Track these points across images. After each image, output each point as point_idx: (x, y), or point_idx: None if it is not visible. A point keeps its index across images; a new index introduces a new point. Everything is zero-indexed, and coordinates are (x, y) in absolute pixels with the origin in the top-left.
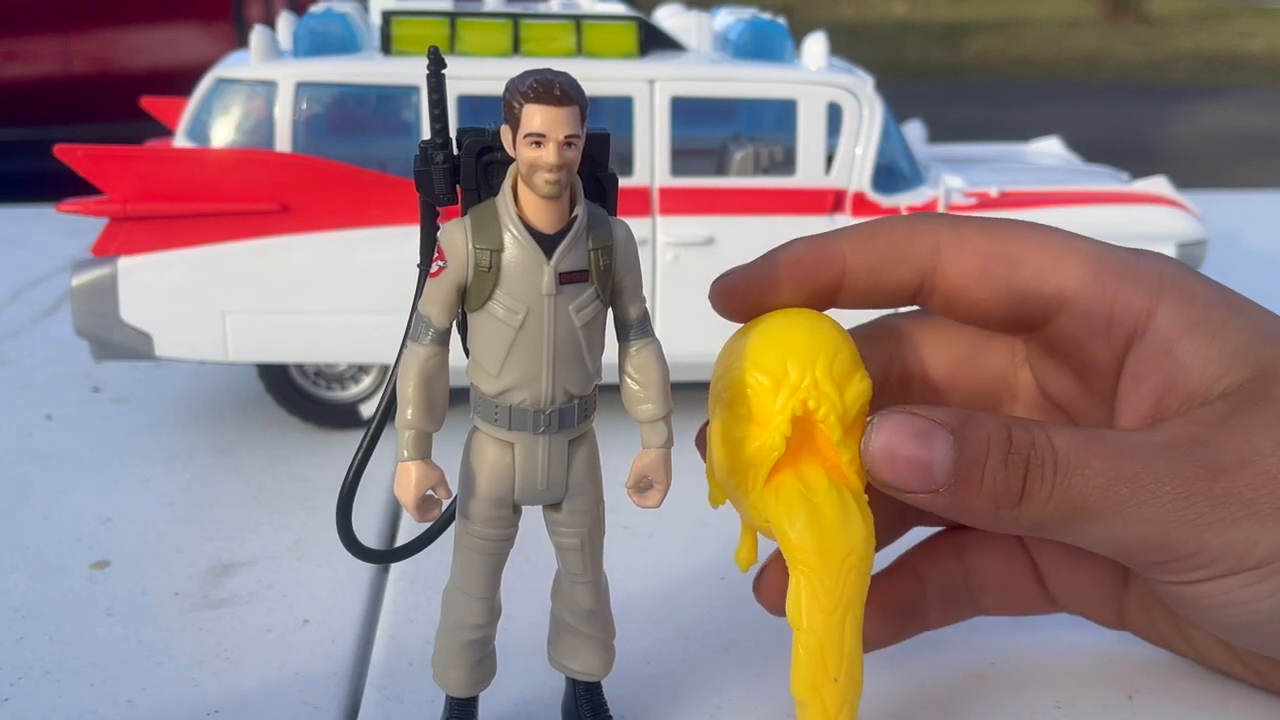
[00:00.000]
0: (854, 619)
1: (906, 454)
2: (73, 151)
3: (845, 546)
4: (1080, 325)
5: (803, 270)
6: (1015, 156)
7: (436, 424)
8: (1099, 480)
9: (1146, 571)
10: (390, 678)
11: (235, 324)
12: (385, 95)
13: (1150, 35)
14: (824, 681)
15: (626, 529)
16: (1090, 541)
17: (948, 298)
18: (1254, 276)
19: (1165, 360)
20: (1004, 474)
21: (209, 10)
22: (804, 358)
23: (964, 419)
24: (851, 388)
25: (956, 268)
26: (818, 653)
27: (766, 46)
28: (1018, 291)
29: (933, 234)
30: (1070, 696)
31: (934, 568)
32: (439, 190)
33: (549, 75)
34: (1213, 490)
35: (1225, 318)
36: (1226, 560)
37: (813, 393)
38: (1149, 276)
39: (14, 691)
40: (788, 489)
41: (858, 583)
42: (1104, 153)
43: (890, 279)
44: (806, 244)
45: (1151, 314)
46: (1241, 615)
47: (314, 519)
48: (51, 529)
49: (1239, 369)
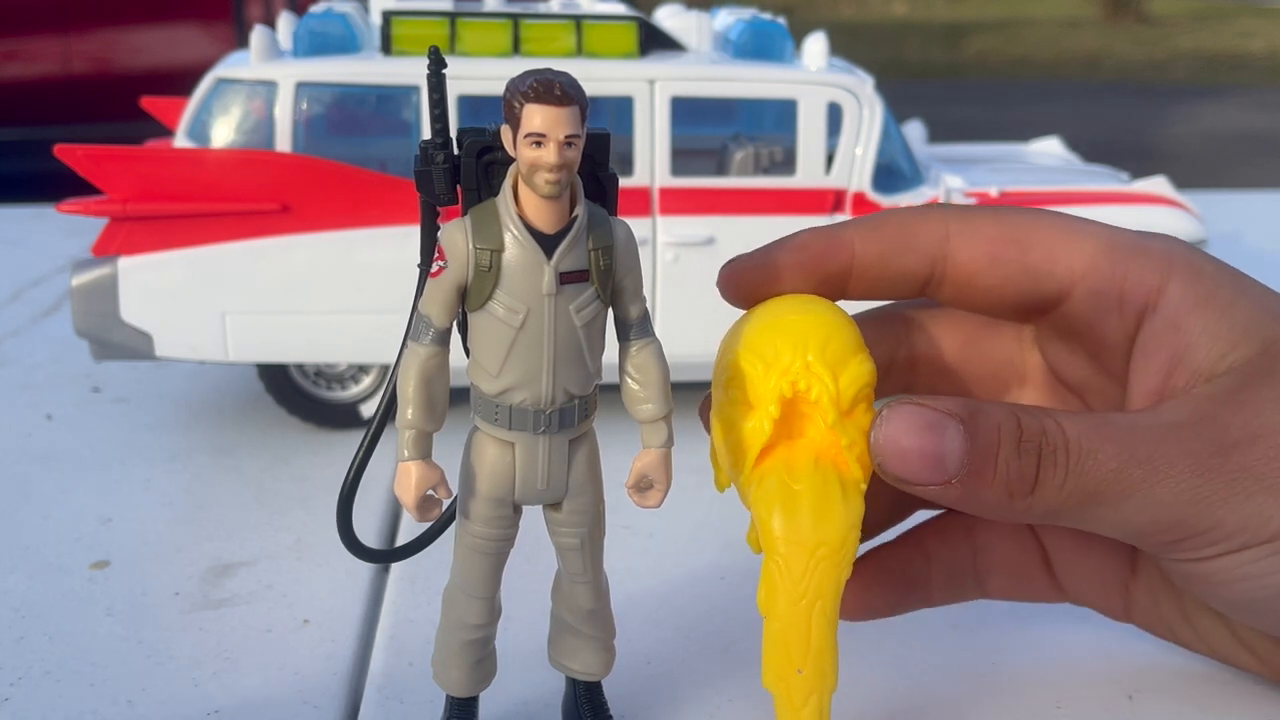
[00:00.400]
0: (823, 610)
1: (917, 446)
2: (73, 151)
3: (816, 537)
4: (1093, 304)
5: (810, 257)
6: (1015, 156)
7: (437, 424)
8: (1112, 464)
9: (1160, 552)
10: (390, 678)
11: (235, 324)
12: (385, 95)
13: (1150, 35)
14: (788, 672)
15: (627, 529)
16: (1104, 526)
17: (959, 285)
18: (1254, 276)
19: (1174, 336)
20: (1017, 462)
21: (209, 10)
22: (797, 340)
23: (973, 409)
24: (848, 370)
25: (967, 254)
26: (782, 643)
27: (767, 46)
28: (1030, 274)
29: (941, 222)
30: (1070, 696)
31: (942, 544)
32: (439, 190)
33: (549, 75)
34: (1225, 466)
35: (1233, 295)
36: (1241, 535)
37: (803, 374)
38: (1158, 255)
39: (14, 691)
40: (770, 475)
41: (829, 573)
42: (1104, 153)
43: (899, 267)
44: (814, 232)
45: (1162, 290)
46: (1254, 590)
47: (314, 519)
48: (51, 529)
49: (1246, 345)
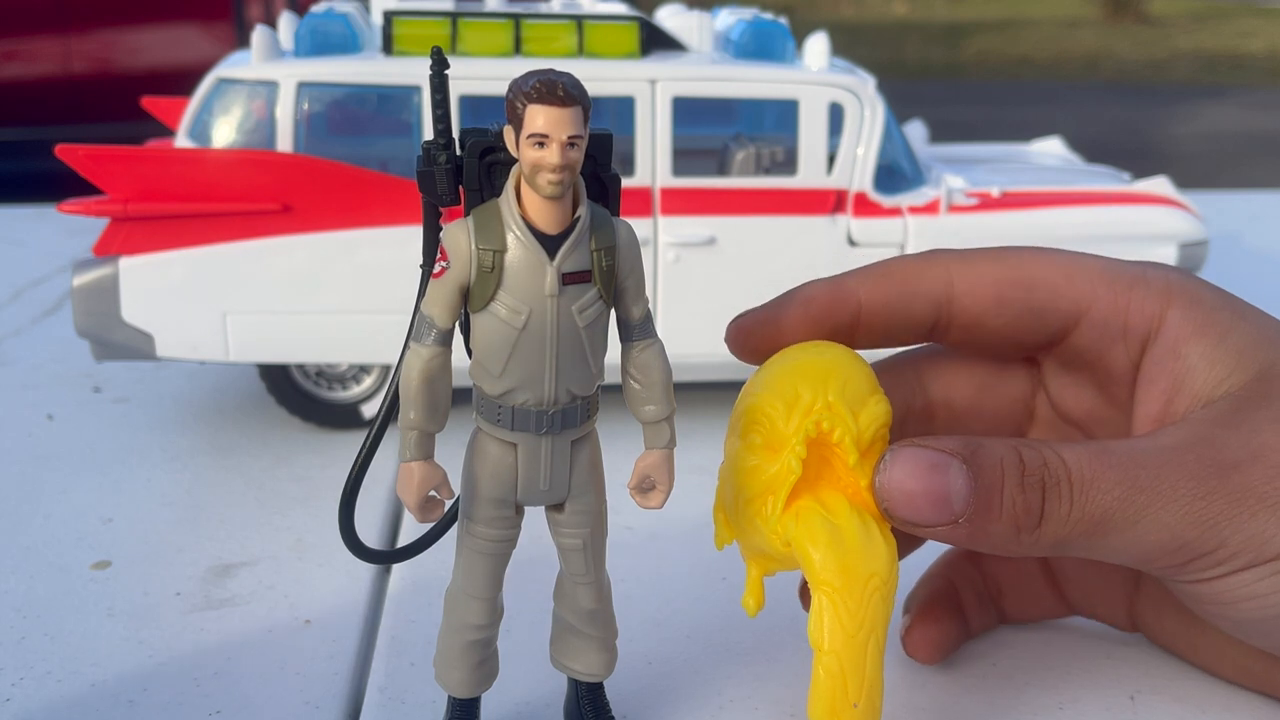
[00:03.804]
0: (876, 642)
1: (922, 488)
2: (74, 151)
3: (868, 569)
4: (1098, 335)
5: (818, 310)
6: (1016, 157)
7: (439, 424)
8: (1116, 491)
9: (1168, 575)
10: (392, 678)
11: (236, 324)
12: (387, 95)
13: (1150, 35)
14: (843, 706)
15: (629, 529)
16: (1112, 553)
17: (967, 327)
18: (1255, 277)
19: (1174, 362)
20: (1022, 497)
21: (209, 10)
22: (816, 381)
23: (974, 446)
24: (867, 410)
25: (972, 296)
26: (839, 676)
27: (768, 46)
28: (1035, 312)
29: (943, 266)
30: (1072, 697)
31: (959, 575)
32: (442, 191)
33: (552, 76)
34: (1226, 486)
35: (1230, 321)
36: (1246, 554)
37: (826, 414)
38: (1158, 284)
39: (15, 692)
40: (809, 512)
41: (880, 606)
42: (1105, 153)
43: (905, 314)
44: (819, 285)
45: (1162, 318)
46: (1260, 610)
47: (315, 519)
48: (53, 529)
49: (1243, 370)
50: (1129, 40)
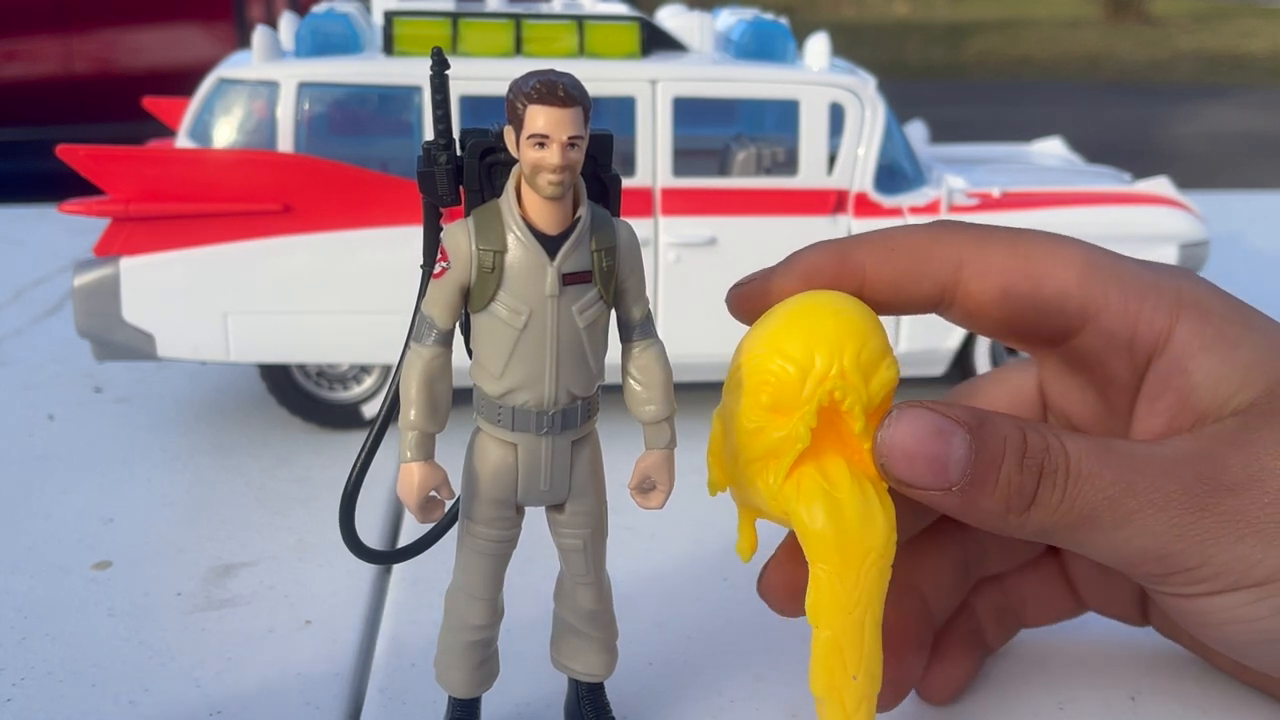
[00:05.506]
0: (873, 616)
1: (923, 450)
2: (75, 152)
3: (865, 544)
4: (1104, 343)
5: (822, 281)
6: (1017, 157)
7: (440, 425)
8: (1109, 490)
9: (1149, 583)
10: (392, 678)
11: (237, 324)
12: (387, 95)
13: (1152, 35)
14: (843, 679)
15: (629, 530)
16: (1094, 550)
17: (969, 312)
18: (1256, 277)
19: (1179, 378)
20: (1019, 477)
21: (210, 10)
22: (832, 346)
23: (981, 419)
24: (878, 375)
25: (980, 285)
26: (836, 650)
27: (768, 47)
28: (1040, 309)
29: (955, 248)
30: (1073, 696)
31: (977, 595)
32: (442, 191)
33: (553, 76)
34: (1219, 507)
35: (1239, 335)
36: (1229, 576)
37: (839, 383)
38: (1168, 293)
39: (16, 692)
40: (809, 483)
41: (878, 580)
42: (1106, 153)
43: (910, 294)
44: (826, 252)
45: (1170, 333)
46: (1244, 634)
47: (316, 519)
48: (53, 529)
49: (1252, 385)
50: (1130, 40)
